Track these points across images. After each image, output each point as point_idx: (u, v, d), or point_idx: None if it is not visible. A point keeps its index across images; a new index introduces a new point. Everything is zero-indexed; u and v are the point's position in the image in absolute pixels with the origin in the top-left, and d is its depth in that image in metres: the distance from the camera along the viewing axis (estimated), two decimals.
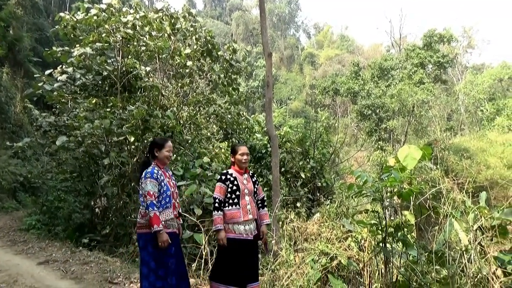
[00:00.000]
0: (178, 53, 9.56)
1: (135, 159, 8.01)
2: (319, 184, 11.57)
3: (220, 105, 10.87)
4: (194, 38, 9.66)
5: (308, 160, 11.88)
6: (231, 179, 3.75)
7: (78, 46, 8.71)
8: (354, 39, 69.09)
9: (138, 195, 7.41)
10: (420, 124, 25.76)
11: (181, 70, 10.06)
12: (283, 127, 13.90)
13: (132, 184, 7.74)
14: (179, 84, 10.06)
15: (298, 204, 9.44)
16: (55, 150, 8.48)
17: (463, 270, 3.39)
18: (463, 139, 27.34)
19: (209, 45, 9.69)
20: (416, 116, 25.39)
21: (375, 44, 64.16)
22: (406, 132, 25.46)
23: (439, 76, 33.03)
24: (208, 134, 11.56)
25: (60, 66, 8.82)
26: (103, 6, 8.62)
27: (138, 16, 8.76)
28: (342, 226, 5.48)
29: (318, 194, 11.11)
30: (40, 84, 8.41)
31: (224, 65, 10.29)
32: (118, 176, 7.95)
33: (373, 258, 4.63)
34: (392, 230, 3.85)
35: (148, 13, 9.31)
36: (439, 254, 3.53)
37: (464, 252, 3.43)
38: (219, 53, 10.02)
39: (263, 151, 11.64)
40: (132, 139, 7.56)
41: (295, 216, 6.71)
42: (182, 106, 10.26)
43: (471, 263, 3.37)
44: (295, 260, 5.28)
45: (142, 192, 3.45)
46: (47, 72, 8.73)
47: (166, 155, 3.66)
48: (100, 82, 9.00)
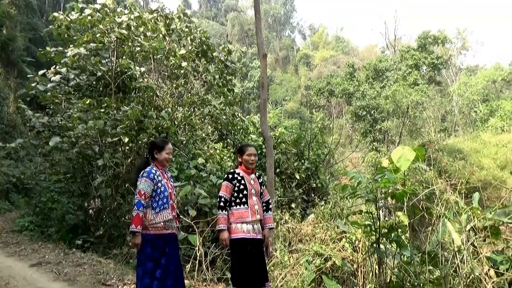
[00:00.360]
0: (173, 53, 9.53)
1: (129, 160, 7.97)
2: (314, 185, 11.59)
3: (215, 106, 10.84)
4: (189, 38, 9.63)
5: (303, 161, 11.90)
6: (238, 178, 3.71)
7: (72, 46, 8.65)
8: (349, 40, 69.42)
9: (132, 196, 7.42)
10: (414, 125, 25.91)
11: (176, 71, 10.02)
12: (278, 128, 13.92)
13: (126, 185, 7.70)
14: (174, 85, 10.03)
15: (293, 205, 9.44)
16: (49, 151, 8.41)
17: (456, 271, 3.41)
18: (457, 140, 27.56)
19: (204, 46, 9.68)
20: (411, 117, 25.53)
21: (370, 45, 64.56)
22: (401, 133, 25.59)
23: (433, 77, 33.22)
24: (203, 135, 11.53)
25: (54, 66, 8.75)
26: (98, 6, 8.58)
27: (132, 17, 8.72)
28: (336, 227, 5.50)
29: (313, 195, 11.12)
30: (33, 85, 8.34)
31: (219, 66, 10.27)
32: (112, 177, 7.90)
33: (367, 258, 4.64)
34: (386, 231, 3.87)
35: (142, 13, 9.28)
36: (432, 255, 3.55)
37: (457, 253, 3.45)
38: (214, 54, 10.00)
39: (258, 152, 11.60)
40: (126, 140, 7.53)
41: (289, 217, 6.73)
42: (176, 107, 10.23)
43: (464, 263, 3.39)
44: (290, 261, 5.29)
45: (136, 191, 3.47)
46: (41, 72, 8.66)
47: (166, 157, 3.70)
48: (94, 83, 8.95)
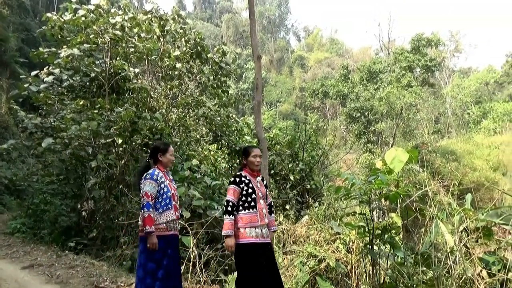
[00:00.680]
0: (167, 55, 9.50)
1: (123, 162, 7.93)
2: (308, 186, 11.61)
3: (210, 107, 10.82)
4: (183, 40, 9.61)
5: (297, 162, 11.92)
6: (245, 182, 3.60)
7: (65, 47, 8.60)
8: (343, 42, 69.69)
9: (126, 198, 7.39)
10: (408, 127, 26.04)
11: (170, 72, 9.99)
12: (272, 130, 13.94)
13: (120, 187, 7.66)
14: (168, 86, 10.00)
15: (287, 207, 9.46)
16: (41, 152, 8.33)
17: (449, 271, 3.43)
18: (450, 142, 27.76)
19: (198, 47, 9.66)
20: (404, 119, 25.66)
21: (364, 47, 64.86)
22: (394, 134, 25.71)
23: (427, 79, 33.48)
24: (197, 136, 11.50)
25: (47, 67, 8.68)
26: (91, 7, 8.54)
27: (126, 18, 8.69)
28: (330, 228, 5.51)
29: (307, 197, 11.14)
30: (26, 85, 8.26)
31: (214, 67, 10.26)
32: (105, 178, 7.86)
33: (360, 260, 4.66)
34: (380, 232, 3.88)
35: (137, 14, 9.25)
36: (425, 256, 3.57)
37: (449, 254, 3.47)
38: (208, 55, 9.98)
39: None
40: (120, 141, 7.49)
41: (284, 219, 6.73)
42: (171, 108, 10.20)
43: (457, 264, 3.41)
44: (284, 263, 5.29)
45: (141, 193, 3.54)
46: (34, 73, 8.58)
47: (170, 159, 3.84)
48: (87, 84, 8.89)
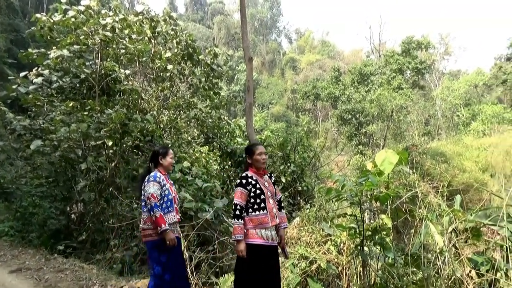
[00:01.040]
0: (158, 56, 9.46)
1: (113, 164, 7.87)
2: (300, 188, 11.62)
3: (201, 109, 10.78)
4: (174, 41, 9.57)
5: (288, 164, 11.93)
6: (252, 183, 3.49)
7: (55, 48, 8.51)
8: (334, 45, 70.09)
9: (116, 201, 7.32)
10: (398, 129, 26.30)
11: (161, 74, 9.95)
12: (264, 131, 13.94)
13: (110, 189, 7.60)
14: (159, 88, 9.96)
15: None
16: (30, 155, 8.23)
17: (438, 272, 3.46)
18: (440, 144, 28.03)
19: (190, 48, 9.63)
20: (395, 121, 25.91)
21: (355, 49, 65.34)
22: (385, 136, 25.94)
23: (417, 82, 33.88)
24: (189, 138, 11.45)
25: (36, 68, 8.60)
26: (81, 8, 8.46)
27: (117, 19, 8.63)
28: (321, 230, 5.52)
29: (299, 198, 11.16)
30: (14, 87, 8.17)
31: (205, 69, 10.23)
32: (95, 181, 7.80)
33: (351, 261, 4.68)
34: (370, 233, 3.90)
35: (128, 15, 9.19)
36: (415, 257, 3.60)
37: (439, 254, 3.51)
38: (200, 57, 9.95)
39: (244, 155, 11.60)
40: (110, 143, 7.43)
41: None
42: (162, 110, 10.15)
43: (446, 265, 3.44)
44: None
45: (146, 195, 3.56)
46: (22, 74, 8.49)
47: (170, 162, 3.93)
48: (77, 85, 8.82)
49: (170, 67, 9.31)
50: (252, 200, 3.45)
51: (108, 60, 9.13)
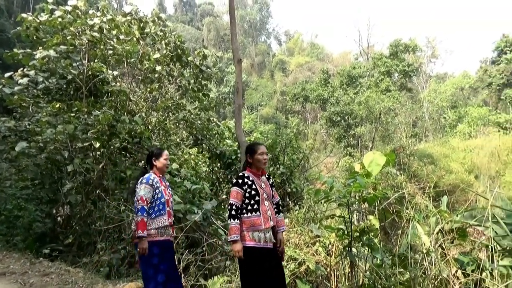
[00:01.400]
0: (147, 57, 9.39)
1: (100, 166, 7.77)
2: (289, 189, 11.65)
3: (190, 110, 10.74)
4: (163, 42, 9.52)
5: (278, 166, 11.96)
6: (248, 183, 3.40)
7: (41, 48, 8.38)
8: (323, 47, 70.65)
9: (103, 203, 7.24)
10: (386, 131, 26.57)
11: (150, 75, 9.88)
12: (253, 133, 13.95)
13: (98, 192, 7.50)
14: (148, 89, 9.89)
15: None
16: (15, 156, 8.06)
17: (425, 272, 3.50)
18: (427, 145, 28.46)
19: (179, 50, 9.59)
20: (383, 123, 26.18)
21: (344, 52, 65.98)
22: (374, 138, 26.17)
23: (405, 84, 34.33)
24: (178, 140, 11.39)
25: (22, 68, 8.44)
26: (68, 8, 8.35)
27: (105, 19, 8.54)
28: (310, 231, 5.54)
29: (288, 200, 11.18)
30: None
31: (194, 70, 10.20)
32: (82, 183, 7.68)
33: (340, 262, 4.70)
34: (358, 234, 3.93)
35: (116, 16, 9.10)
36: (403, 257, 3.63)
37: (426, 255, 3.55)
38: (189, 58, 9.92)
39: (233, 157, 11.60)
40: (97, 145, 7.33)
41: None
42: (150, 111, 10.07)
43: (433, 265, 3.48)
44: None
45: (136, 198, 3.55)
46: (7, 74, 8.32)
47: (164, 163, 3.90)
48: (64, 86, 8.69)
49: (158, 68, 9.25)
50: (247, 201, 3.38)
51: (96, 61, 9.01)
